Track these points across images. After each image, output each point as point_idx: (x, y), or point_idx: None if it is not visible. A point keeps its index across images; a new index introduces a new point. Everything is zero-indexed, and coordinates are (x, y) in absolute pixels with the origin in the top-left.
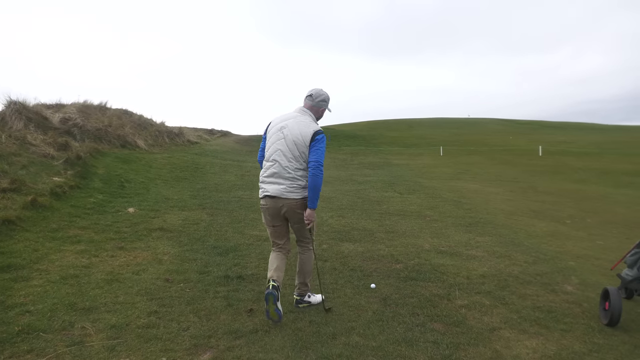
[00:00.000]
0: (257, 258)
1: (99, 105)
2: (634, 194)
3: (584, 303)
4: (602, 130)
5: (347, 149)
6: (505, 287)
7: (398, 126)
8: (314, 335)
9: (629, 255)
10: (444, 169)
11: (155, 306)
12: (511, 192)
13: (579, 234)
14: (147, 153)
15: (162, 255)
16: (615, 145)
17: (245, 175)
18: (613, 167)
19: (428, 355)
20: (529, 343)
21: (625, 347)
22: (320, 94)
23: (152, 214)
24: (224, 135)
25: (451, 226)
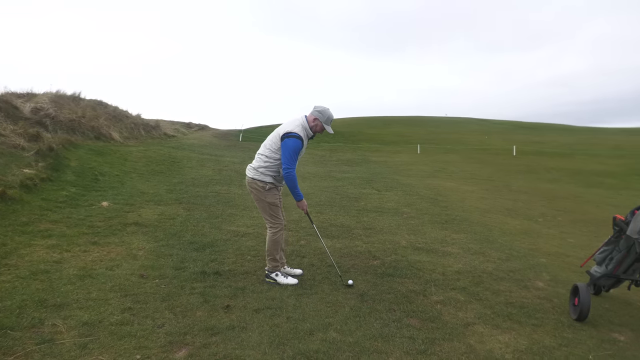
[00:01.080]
0: (235, 254)
1: (73, 96)
2: (603, 193)
3: (555, 299)
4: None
5: (325, 145)
6: (480, 283)
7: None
8: (291, 331)
9: (598, 252)
10: (421, 166)
11: (130, 302)
12: (486, 191)
13: (550, 231)
14: (123, 146)
15: (136, 251)
16: (586, 146)
17: (223, 170)
18: (584, 167)
19: (404, 351)
20: (501, 338)
21: (592, 341)
22: (320, 106)
23: (127, 208)
24: (201, 129)
25: (428, 223)
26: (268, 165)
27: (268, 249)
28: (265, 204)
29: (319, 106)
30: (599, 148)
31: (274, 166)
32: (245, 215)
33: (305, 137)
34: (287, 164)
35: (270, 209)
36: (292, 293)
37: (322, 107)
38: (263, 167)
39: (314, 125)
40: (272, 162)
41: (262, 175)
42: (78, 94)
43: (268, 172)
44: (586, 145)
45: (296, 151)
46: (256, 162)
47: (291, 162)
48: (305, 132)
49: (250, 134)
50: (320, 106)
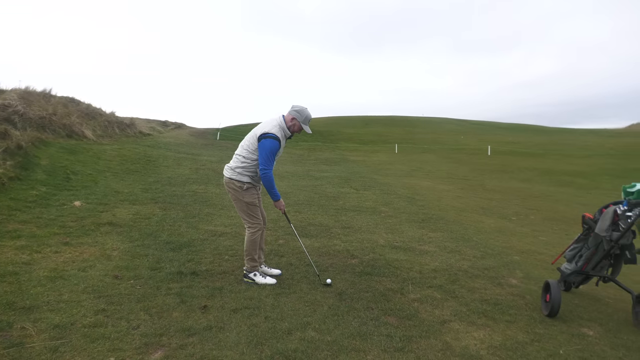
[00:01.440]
0: (212, 254)
1: (43, 92)
2: (573, 192)
3: (527, 295)
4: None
5: (304, 145)
6: (456, 281)
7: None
8: (269, 331)
9: (568, 250)
10: (399, 166)
11: (103, 304)
12: (462, 190)
13: (523, 230)
14: (96, 144)
15: (111, 251)
16: (558, 146)
17: (200, 169)
18: (555, 167)
19: (381, 348)
20: (476, 334)
21: (563, 336)
22: (298, 105)
23: (101, 207)
24: (178, 127)
25: (405, 222)
26: (245, 166)
27: (246, 248)
28: (243, 204)
29: (296, 106)
30: (570, 148)
31: (251, 166)
32: (223, 215)
33: (283, 137)
34: (264, 165)
35: (248, 209)
36: (270, 292)
37: (300, 106)
38: (240, 167)
39: (291, 125)
40: (249, 163)
41: (239, 175)
42: (49, 91)
43: (245, 172)
44: (558, 146)
45: (273, 152)
46: (234, 162)
47: (268, 162)
48: (283, 132)
49: (228, 133)
50: (298, 106)
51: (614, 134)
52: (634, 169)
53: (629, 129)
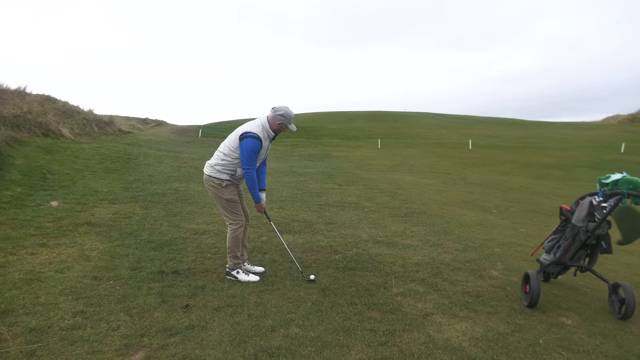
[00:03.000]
0: (194, 252)
1: (17, 90)
2: (551, 184)
3: (508, 287)
4: (525, 126)
5: (287, 141)
6: (438, 274)
7: (338, 118)
8: (252, 328)
9: (547, 241)
10: (382, 161)
11: (82, 306)
12: (444, 184)
13: (504, 222)
14: (74, 142)
15: (89, 252)
16: (536, 139)
17: (181, 166)
18: (534, 160)
19: (365, 343)
20: (458, 326)
21: (542, 326)
22: (280, 108)
23: (79, 207)
24: (159, 124)
25: (388, 217)
26: (225, 163)
27: (229, 246)
28: (224, 201)
29: (279, 108)
30: (548, 141)
31: (231, 164)
32: (205, 213)
33: (266, 137)
34: (246, 164)
35: (228, 206)
36: (253, 290)
37: (282, 109)
38: (220, 164)
39: (278, 128)
40: (229, 161)
41: (218, 173)
42: (23, 89)
43: (225, 170)
44: (536, 139)
45: (254, 151)
46: (214, 159)
47: (250, 162)
48: (266, 133)
49: (210, 130)
50: (280, 108)
51: (590, 127)
52: (609, 161)
53: (604, 122)
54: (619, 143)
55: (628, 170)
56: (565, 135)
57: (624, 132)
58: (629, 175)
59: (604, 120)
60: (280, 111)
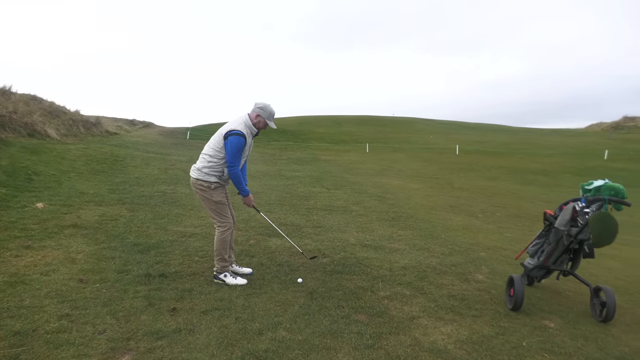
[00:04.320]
0: (182, 255)
1: (2, 90)
2: (537, 190)
3: (493, 290)
4: (512, 132)
5: (275, 144)
6: (424, 277)
7: (326, 122)
8: (239, 332)
9: (531, 245)
10: (370, 165)
11: (67, 309)
12: (431, 188)
13: (489, 227)
14: (60, 143)
15: (75, 254)
16: (523, 145)
17: (169, 168)
18: (520, 165)
19: (352, 346)
20: (444, 329)
21: (526, 329)
22: (261, 102)
23: (65, 209)
24: (146, 126)
25: (375, 221)
26: (212, 165)
27: (216, 248)
28: (212, 203)
29: (259, 103)
30: (534, 147)
31: (218, 166)
32: (193, 215)
33: (249, 134)
34: (231, 162)
35: (217, 208)
36: (241, 293)
37: (263, 103)
38: (207, 167)
39: (256, 122)
40: (215, 162)
41: (206, 176)
42: (8, 88)
43: (212, 172)
44: (523, 145)
45: (239, 148)
46: (200, 162)
47: (235, 159)
48: (249, 130)
49: (198, 132)
50: (261, 102)
51: (575, 134)
52: (592, 167)
53: (588, 129)
54: (603, 150)
55: (610, 177)
56: (551, 142)
57: (608, 139)
58: (611, 181)
59: (588, 128)
60: (260, 105)
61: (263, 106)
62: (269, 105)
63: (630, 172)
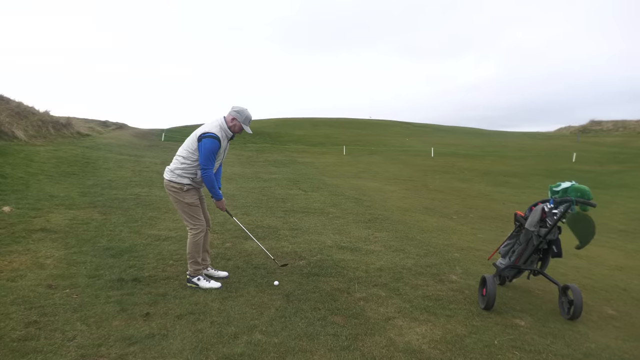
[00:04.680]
0: (156, 259)
1: None
2: (508, 192)
3: (466, 290)
4: (485, 135)
5: (252, 146)
6: (400, 278)
7: (303, 124)
8: (215, 336)
9: (503, 246)
10: (347, 167)
11: (35, 316)
12: (406, 190)
13: (463, 228)
14: (28, 145)
15: (44, 259)
16: (495, 148)
17: (143, 171)
18: (493, 168)
19: (328, 348)
20: (419, 330)
21: (498, 327)
22: (238, 106)
23: (33, 213)
24: (120, 127)
25: (352, 222)
26: (185, 167)
27: (189, 251)
28: (185, 205)
29: (236, 106)
30: (506, 150)
31: (191, 168)
32: (168, 219)
33: (224, 137)
34: (204, 164)
35: (189, 210)
36: (216, 297)
37: (239, 107)
38: (180, 168)
39: (232, 125)
40: (188, 164)
41: (178, 177)
42: None
43: (185, 174)
44: (495, 148)
45: (213, 151)
46: (173, 164)
47: (208, 162)
48: (224, 133)
49: (173, 134)
50: (238, 106)
51: (545, 137)
52: (561, 169)
53: (557, 132)
54: (571, 153)
55: (578, 178)
56: (523, 145)
57: (576, 142)
58: (578, 183)
59: (557, 131)
60: (237, 108)
61: (239, 110)
62: (245, 110)
63: (596, 174)
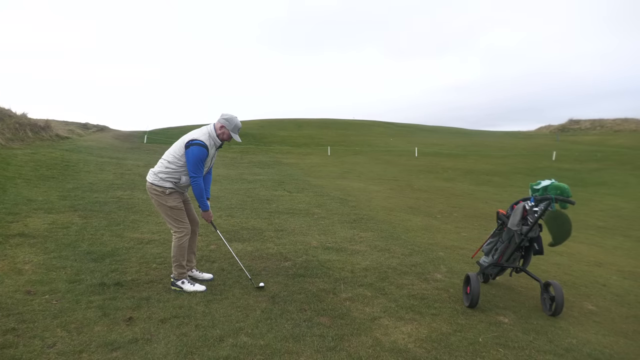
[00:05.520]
0: (138, 262)
1: None
2: (491, 190)
3: (451, 289)
4: (468, 135)
5: (236, 148)
6: (385, 278)
7: (288, 125)
8: (199, 339)
9: (486, 244)
10: (331, 168)
11: (13, 323)
12: (391, 190)
13: (447, 227)
14: (4, 148)
15: (22, 265)
16: (478, 147)
17: (125, 173)
18: (475, 167)
19: (314, 349)
20: (404, 329)
21: (482, 325)
22: (228, 114)
23: (10, 217)
24: (100, 130)
25: (337, 223)
26: (169, 171)
27: (174, 254)
28: (167, 208)
29: (226, 114)
30: (488, 149)
31: (175, 172)
32: (151, 222)
33: (212, 145)
34: (192, 172)
35: (172, 213)
36: (201, 300)
37: (229, 115)
38: (164, 172)
39: (220, 133)
40: (173, 169)
41: (161, 181)
42: None
43: (168, 178)
44: (477, 147)
45: (201, 159)
46: (158, 167)
47: (196, 170)
48: (213, 141)
49: (156, 136)
50: (228, 114)
51: (525, 136)
52: (541, 168)
53: (538, 131)
54: (551, 151)
55: (558, 177)
56: (504, 144)
57: (555, 141)
58: (557, 181)
59: (537, 130)
60: (226, 116)
61: (229, 117)
62: (235, 118)
63: (576, 172)
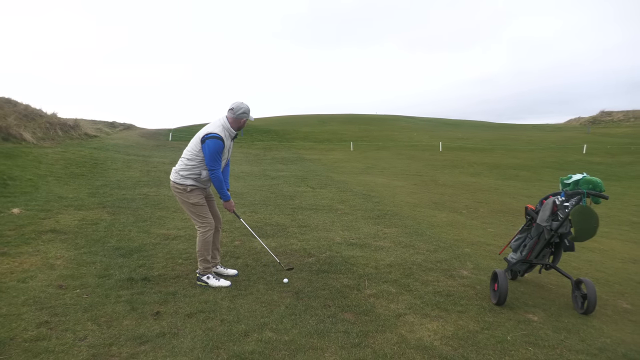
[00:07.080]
0: (165, 258)
1: None
2: (518, 185)
3: (477, 286)
4: (493, 128)
5: (260, 144)
6: (410, 275)
7: (311, 121)
8: (225, 334)
9: (514, 240)
10: (354, 163)
11: (46, 316)
12: (415, 185)
13: (473, 222)
14: (36, 147)
15: (54, 260)
16: (504, 141)
17: (151, 171)
18: (502, 161)
19: (339, 345)
20: (430, 326)
21: (510, 323)
22: (240, 107)
23: (43, 214)
24: (127, 128)
25: (361, 219)
26: (189, 168)
27: (199, 249)
28: (190, 205)
29: (236, 107)
30: (515, 143)
31: (195, 169)
32: (176, 218)
33: (227, 137)
34: (210, 165)
35: (195, 210)
36: (226, 295)
37: (239, 106)
38: (184, 170)
39: (242, 124)
40: (192, 165)
41: (182, 179)
42: None
43: (189, 175)
44: (504, 141)
45: (218, 151)
46: (179, 165)
47: (214, 163)
48: (227, 132)
49: (180, 133)
50: (238, 106)
51: (554, 129)
52: (571, 162)
53: (567, 124)
54: (581, 144)
55: (589, 170)
56: (532, 137)
57: (586, 133)
58: (589, 175)
59: (567, 123)
60: (240, 110)
61: (245, 109)
62: (244, 104)
63: (608, 166)
